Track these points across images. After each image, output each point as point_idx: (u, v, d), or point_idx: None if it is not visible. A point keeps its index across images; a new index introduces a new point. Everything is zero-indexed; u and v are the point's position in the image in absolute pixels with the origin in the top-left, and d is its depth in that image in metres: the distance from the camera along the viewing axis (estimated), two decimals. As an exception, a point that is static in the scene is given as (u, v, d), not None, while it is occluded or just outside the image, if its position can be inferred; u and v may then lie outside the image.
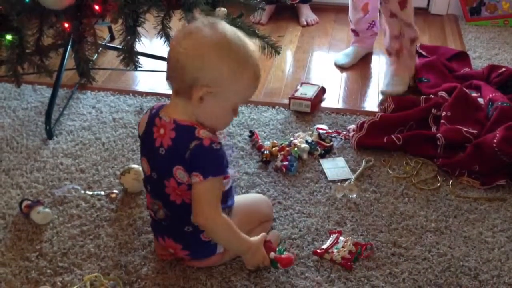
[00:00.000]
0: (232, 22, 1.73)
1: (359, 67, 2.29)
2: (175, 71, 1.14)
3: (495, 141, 1.61)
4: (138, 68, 1.90)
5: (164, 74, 1.20)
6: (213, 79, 1.11)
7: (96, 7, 1.56)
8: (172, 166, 1.16)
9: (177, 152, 1.15)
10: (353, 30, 2.29)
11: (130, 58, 1.74)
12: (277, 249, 1.28)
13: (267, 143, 1.75)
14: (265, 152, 1.70)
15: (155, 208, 1.26)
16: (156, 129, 1.19)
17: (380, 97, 2.08)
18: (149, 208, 1.30)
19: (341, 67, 2.30)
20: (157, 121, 1.19)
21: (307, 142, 1.73)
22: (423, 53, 2.27)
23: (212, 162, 1.14)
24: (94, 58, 1.96)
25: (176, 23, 1.84)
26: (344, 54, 2.33)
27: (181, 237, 1.25)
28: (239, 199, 1.37)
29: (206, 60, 1.10)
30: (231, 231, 1.19)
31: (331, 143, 1.76)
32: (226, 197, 1.28)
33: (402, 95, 2.04)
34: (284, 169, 1.64)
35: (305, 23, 2.68)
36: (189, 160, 1.14)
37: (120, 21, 1.71)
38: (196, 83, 1.11)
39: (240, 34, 1.15)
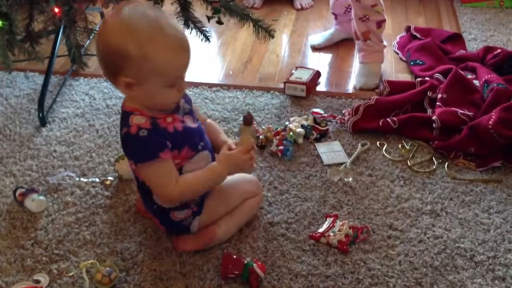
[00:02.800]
0: (226, 5, 1.71)
1: (354, 50, 2.27)
2: (102, 67, 1.13)
3: (490, 122, 1.61)
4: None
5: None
6: (127, 68, 1.08)
7: (87, -8, 1.54)
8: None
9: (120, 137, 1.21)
10: (332, 13, 2.28)
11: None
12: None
13: (262, 128, 1.75)
14: (260, 137, 1.69)
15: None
16: None
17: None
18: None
19: (314, 48, 2.28)
20: None
21: (302, 126, 1.73)
22: (418, 35, 2.26)
23: (137, 149, 1.15)
24: (86, 44, 1.94)
25: (168, 7, 1.82)
26: (321, 35, 2.33)
27: (154, 212, 1.30)
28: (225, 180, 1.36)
29: (112, 50, 1.07)
30: (195, 185, 1.21)
31: (327, 127, 1.76)
32: None
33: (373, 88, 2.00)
34: (279, 154, 1.63)
35: (299, 6, 2.66)
36: (122, 146, 1.20)
37: (111, 5, 1.69)
38: (117, 74, 1.10)
39: (149, 11, 1.09)
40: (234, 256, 1.26)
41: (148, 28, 1.06)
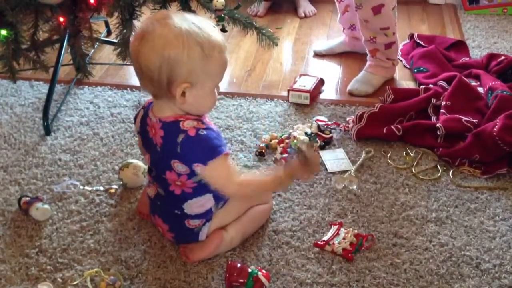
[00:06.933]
0: (230, 14, 1.72)
1: (358, 58, 2.27)
2: (147, 80, 1.15)
3: (495, 129, 1.60)
4: (135, 62, 1.88)
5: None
6: (186, 72, 1.11)
7: (91, 1, 1.54)
8: (169, 161, 1.19)
9: (169, 148, 1.18)
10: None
11: (126, 52, 1.72)
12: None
13: (266, 136, 1.75)
14: (261, 144, 1.70)
15: (153, 185, 1.31)
16: (150, 129, 1.23)
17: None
18: (150, 182, 1.34)
19: (315, 54, 2.29)
20: (148, 121, 1.24)
21: (306, 134, 1.73)
22: (421, 42, 2.26)
23: (205, 148, 1.16)
24: (90, 53, 1.95)
25: (172, 16, 1.82)
26: (326, 42, 2.34)
27: (169, 218, 1.30)
28: None
29: (172, 58, 1.09)
30: (256, 186, 1.25)
31: (331, 134, 1.75)
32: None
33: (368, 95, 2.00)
34: (283, 162, 1.63)
35: (303, 14, 2.66)
36: (182, 153, 1.16)
37: (116, 14, 1.70)
38: (173, 83, 1.12)
39: (190, 17, 1.14)
40: (239, 265, 1.25)
41: (201, 32, 1.11)
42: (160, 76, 1.11)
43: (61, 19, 1.57)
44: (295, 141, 1.69)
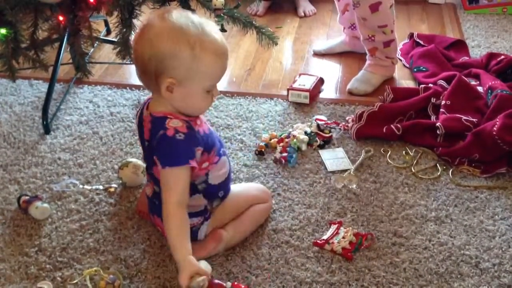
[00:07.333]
0: (229, 13, 1.72)
1: (357, 57, 2.27)
2: (140, 71, 1.16)
3: (495, 129, 1.60)
4: (135, 61, 1.88)
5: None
6: (174, 68, 1.11)
7: (91, 0, 1.54)
8: (153, 156, 1.20)
9: (152, 142, 1.19)
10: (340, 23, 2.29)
11: (126, 51, 1.73)
12: None
13: (265, 135, 1.75)
14: (260, 143, 1.70)
15: (149, 183, 1.31)
16: (144, 123, 1.24)
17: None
18: (147, 180, 1.34)
19: (314, 53, 2.30)
20: (143, 116, 1.24)
21: (306, 133, 1.73)
22: (421, 42, 2.26)
23: (170, 152, 1.15)
24: (90, 52, 1.95)
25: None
26: (326, 42, 2.35)
27: None
28: (233, 187, 1.40)
29: (161, 52, 1.10)
30: (179, 229, 1.15)
31: (330, 134, 1.76)
32: (220, 188, 1.32)
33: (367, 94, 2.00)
34: (283, 161, 1.63)
35: (303, 14, 2.66)
36: (155, 148, 1.18)
37: (116, 13, 1.70)
38: (160, 76, 1.13)
39: (192, 17, 1.13)
40: (216, 281, 1.18)
41: (196, 32, 1.11)
42: (149, 67, 1.12)
43: (61, 18, 1.57)
44: (294, 140, 1.69)
